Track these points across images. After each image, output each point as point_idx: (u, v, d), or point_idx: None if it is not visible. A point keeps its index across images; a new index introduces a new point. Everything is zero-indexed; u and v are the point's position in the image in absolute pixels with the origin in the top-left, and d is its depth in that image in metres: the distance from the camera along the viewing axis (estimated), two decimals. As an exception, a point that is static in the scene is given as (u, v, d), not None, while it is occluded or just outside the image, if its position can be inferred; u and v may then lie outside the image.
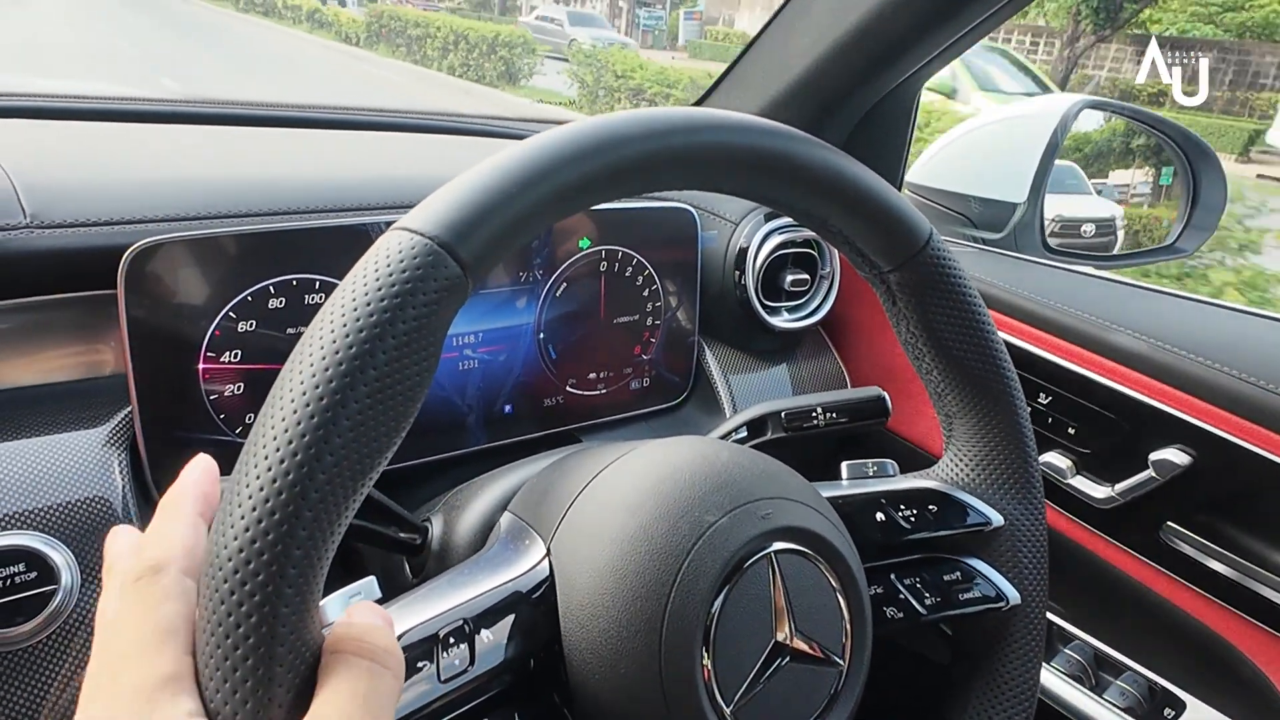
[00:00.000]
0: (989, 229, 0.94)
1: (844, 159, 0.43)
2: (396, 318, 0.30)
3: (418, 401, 0.31)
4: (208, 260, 0.57)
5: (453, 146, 0.96)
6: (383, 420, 0.29)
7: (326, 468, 0.27)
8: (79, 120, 0.81)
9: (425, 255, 0.31)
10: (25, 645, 0.50)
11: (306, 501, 0.27)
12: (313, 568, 0.28)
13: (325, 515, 0.28)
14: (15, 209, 0.56)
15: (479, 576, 0.41)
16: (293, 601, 0.27)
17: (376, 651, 0.29)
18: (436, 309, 0.31)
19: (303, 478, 0.27)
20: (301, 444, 0.27)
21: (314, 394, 0.28)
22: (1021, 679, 0.53)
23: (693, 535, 0.40)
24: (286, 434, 0.27)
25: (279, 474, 0.27)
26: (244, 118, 0.89)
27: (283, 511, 0.27)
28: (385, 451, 0.30)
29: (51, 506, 0.52)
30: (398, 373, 0.29)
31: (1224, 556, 0.65)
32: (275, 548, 0.27)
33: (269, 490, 0.27)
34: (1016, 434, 0.52)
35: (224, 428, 0.59)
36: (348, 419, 0.28)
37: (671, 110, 0.39)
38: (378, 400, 0.29)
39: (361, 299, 0.30)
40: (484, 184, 0.33)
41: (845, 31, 0.76)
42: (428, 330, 0.30)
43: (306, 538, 0.27)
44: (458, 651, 0.38)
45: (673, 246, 0.78)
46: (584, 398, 0.76)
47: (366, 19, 15.25)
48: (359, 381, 0.28)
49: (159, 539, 0.30)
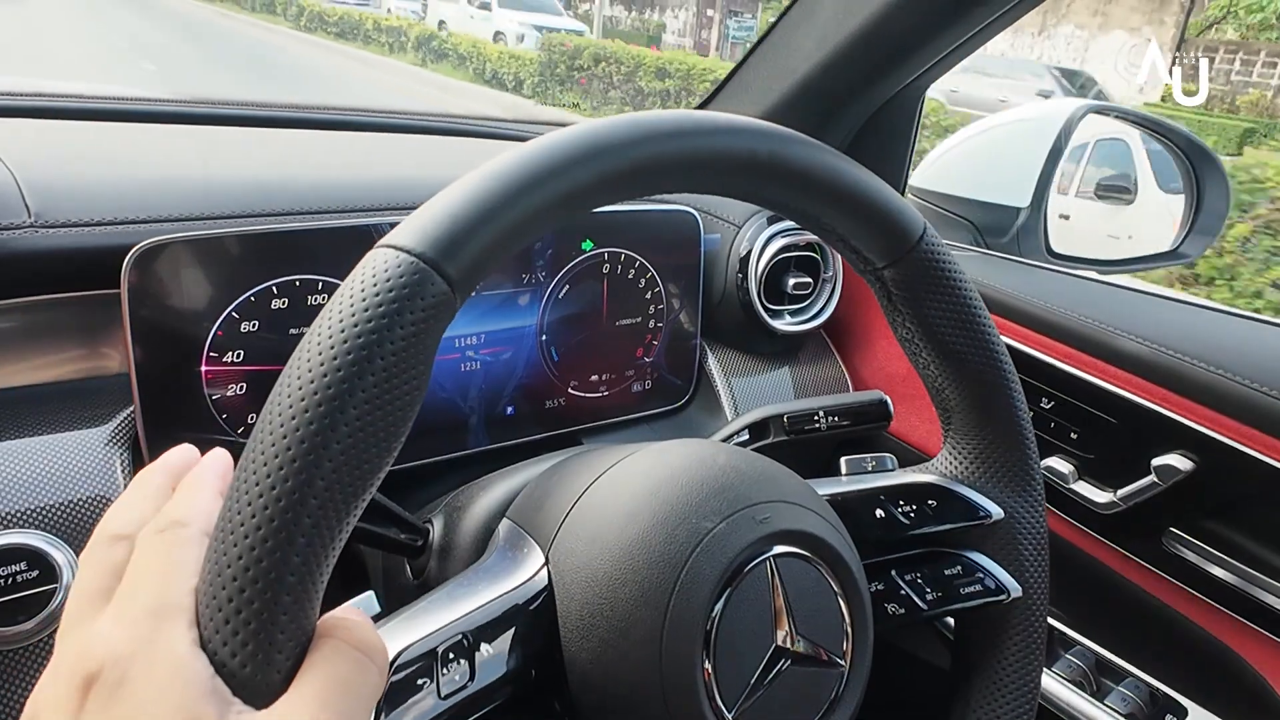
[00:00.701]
0: (992, 234, 0.94)
1: (835, 156, 0.43)
2: (384, 339, 0.29)
3: (408, 421, 0.30)
4: (211, 260, 0.57)
5: (456, 148, 0.96)
6: (373, 443, 0.29)
7: (319, 492, 0.27)
8: (83, 120, 0.81)
9: (411, 274, 0.30)
10: (26, 644, 0.50)
11: (299, 527, 0.27)
12: (307, 593, 0.28)
13: (319, 539, 0.28)
14: (19, 208, 0.56)
15: (478, 588, 0.41)
16: (288, 626, 0.27)
17: (363, 644, 0.29)
18: (424, 329, 0.30)
19: (294, 504, 0.27)
20: (292, 469, 0.27)
21: (303, 418, 0.28)
22: (1023, 672, 0.53)
23: (690, 543, 0.39)
24: (277, 459, 0.27)
25: (270, 500, 0.27)
26: (247, 118, 0.89)
27: (275, 539, 0.27)
28: (378, 472, 0.30)
29: (53, 505, 0.52)
30: (387, 394, 0.29)
31: (1226, 563, 0.65)
32: (269, 575, 0.27)
33: (261, 517, 0.27)
34: (1014, 427, 0.51)
35: (226, 428, 0.59)
36: (338, 443, 0.28)
37: (659, 114, 0.38)
38: (367, 424, 0.29)
39: (349, 321, 0.29)
40: (470, 197, 0.33)
41: (849, 36, 0.76)
42: (415, 351, 0.30)
43: (301, 563, 0.27)
44: (458, 667, 0.38)
45: (675, 249, 0.78)
46: (586, 400, 0.76)
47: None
48: (348, 405, 0.28)
49: (185, 500, 0.31)
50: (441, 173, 0.67)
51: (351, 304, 0.30)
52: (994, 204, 0.93)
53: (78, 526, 0.53)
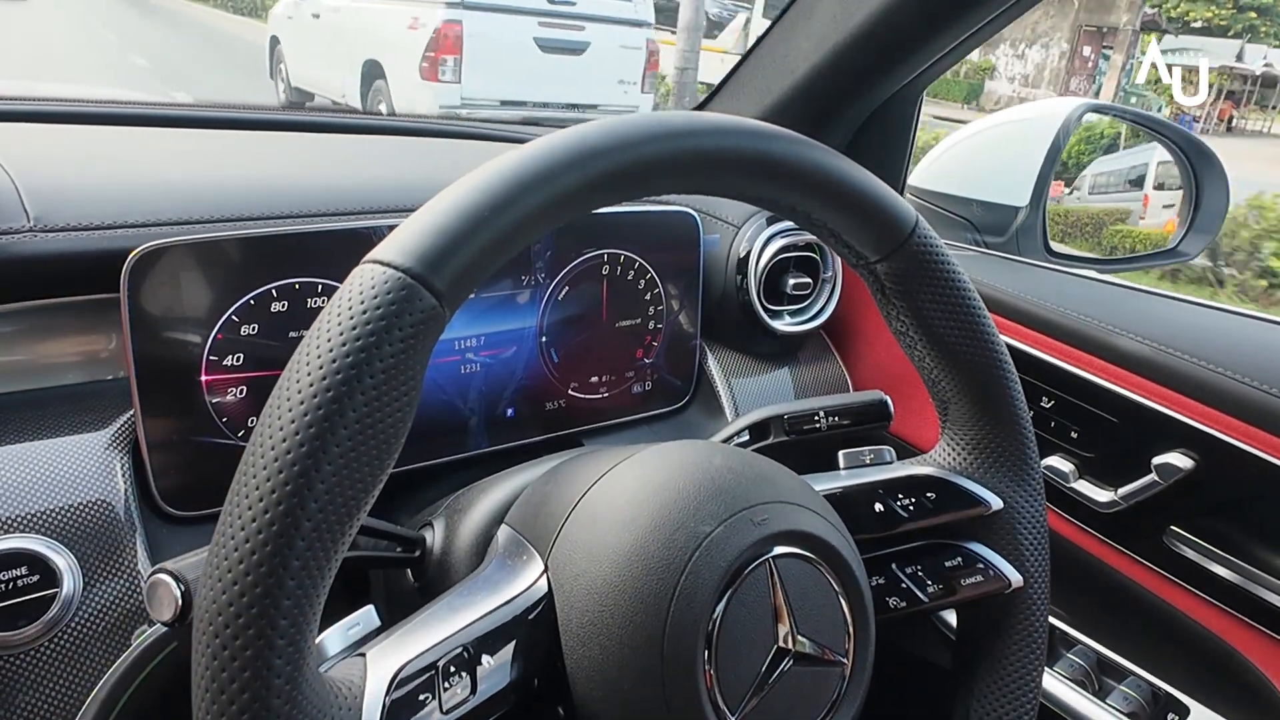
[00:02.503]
0: (991, 233, 0.94)
1: (825, 152, 0.43)
2: (373, 357, 0.29)
3: (401, 438, 0.30)
4: (211, 264, 0.57)
5: (454, 150, 0.96)
6: (365, 462, 0.29)
7: (312, 514, 0.27)
8: (83, 124, 0.81)
9: (399, 289, 0.30)
10: (27, 649, 0.50)
11: (293, 551, 0.27)
12: (304, 615, 0.27)
13: (314, 561, 0.27)
14: (19, 212, 0.56)
15: (477, 599, 0.41)
16: (285, 652, 0.27)
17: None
18: (413, 345, 0.30)
19: (288, 527, 0.27)
20: (285, 493, 0.27)
21: (294, 440, 0.28)
22: (1025, 667, 0.53)
23: (689, 548, 0.39)
24: (269, 483, 0.27)
25: (263, 525, 0.27)
26: (246, 122, 0.89)
27: (270, 563, 0.26)
28: (372, 490, 0.29)
29: (54, 510, 0.52)
30: (378, 412, 0.29)
31: (1227, 561, 0.65)
32: (264, 600, 0.26)
33: (255, 542, 0.27)
34: (1011, 417, 0.51)
35: (226, 431, 0.59)
36: (329, 464, 0.28)
37: (647, 116, 0.38)
38: (359, 442, 0.28)
39: (337, 340, 0.29)
40: (455, 208, 0.32)
41: (847, 36, 0.76)
42: (405, 366, 0.30)
43: (295, 587, 0.27)
44: (459, 681, 0.37)
45: (675, 250, 0.78)
46: (586, 401, 0.76)
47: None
48: (339, 425, 0.28)
49: None
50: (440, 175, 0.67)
51: (339, 322, 0.30)
52: (993, 203, 0.93)
53: (78, 531, 0.53)
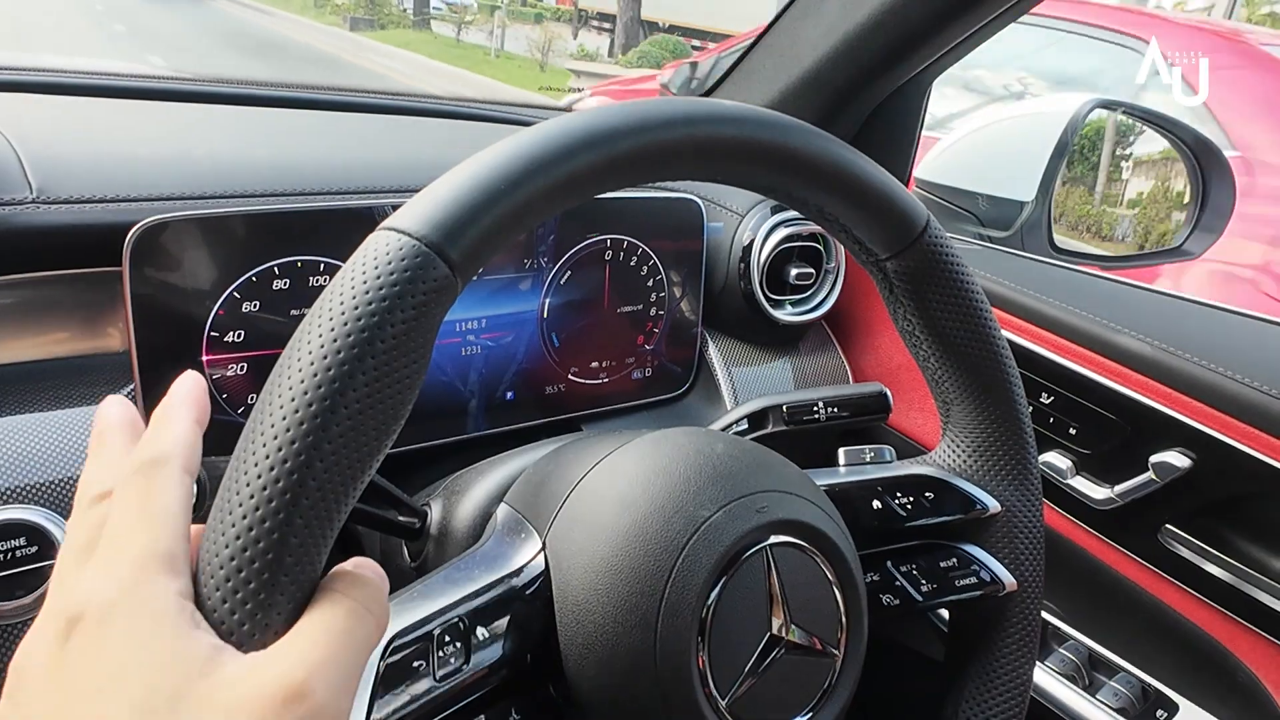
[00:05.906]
0: (996, 227, 0.94)
1: (840, 147, 0.42)
2: (385, 321, 0.29)
3: (408, 404, 0.31)
4: (213, 239, 0.57)
5: (459, 131, 0.96)
6: (373, 425, 0.29)
7: (318, 474, 0.27)
8: (86, 96, 0.81)
9: (413, 257, 0.30)
10: (24, 619, 0.50)
11: (298, 508, 0.27)
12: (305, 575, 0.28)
13: (318, 520, 0.28)
14: (21, 183, 0.56)
15: (475, 573, 0.41)
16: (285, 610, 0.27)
17: (364, 595, 0.29)
18: (425, 312, 0.30)
19: (293, 485, 0.27)
20: (292, 451, 0.27)
21: (303, 400, 0.28)
22: (1016, 665, 0.53)
23: (687, 531, 0.39)
24: (276, 440, 0.27)
25: (269, 481, 0.27)
26: (251, 97, 0.89)
27: (274, 519, 0.27)
28: (377, 454, 0.30)
29: (52, 482, 0.52)
30: (387, 376, 0.29)
31: (1221, 560, 0.65)
32: (267, 555, 0.27)
33: (260, 498, 0.27)
34: (1013, 421, 0.51)
35: (226, 407, 0.59)
36: (338, 425, 0.28)
37: (664, 101, 0.38)
38: (369, 405, 0.29)
39: (350, 303, 0.29)
40: (473, 181, 0.33)
41: (857, 25, 0.75)
42: (417, 333, 0.30)
43: (298, 544, 0.27)
44: (453, 650, 0.38)
45: (678, 237, 0.78)
46: (586, 386, 0.77)
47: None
48: (349, 387, 0.28)
49: (159, 436, 0.30)
50: (445, 155, 0.67)
51: (353, 287, 0.30)
52: (999, 197, 0.93)
53: None
